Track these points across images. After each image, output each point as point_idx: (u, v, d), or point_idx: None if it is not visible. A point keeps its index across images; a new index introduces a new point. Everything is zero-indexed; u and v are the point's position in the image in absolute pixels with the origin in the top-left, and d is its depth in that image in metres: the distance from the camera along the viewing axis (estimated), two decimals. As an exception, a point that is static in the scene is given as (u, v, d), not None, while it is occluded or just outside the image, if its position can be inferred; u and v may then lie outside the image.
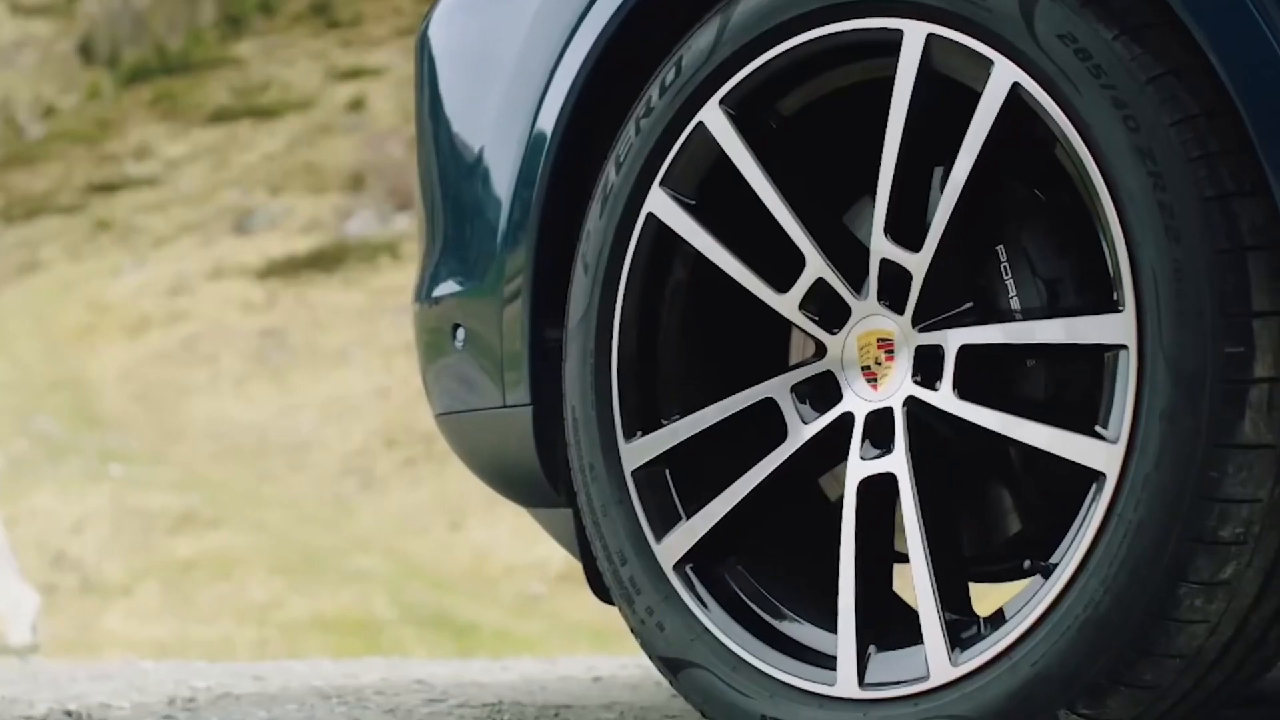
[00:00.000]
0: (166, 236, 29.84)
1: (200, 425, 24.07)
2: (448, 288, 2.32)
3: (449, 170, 2.36)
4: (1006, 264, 1.88)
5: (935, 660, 1.82)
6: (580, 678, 3.19)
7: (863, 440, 1.92)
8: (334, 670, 3.43)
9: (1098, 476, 1.73)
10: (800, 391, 1.98)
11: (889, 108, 1.86)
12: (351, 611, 17.82)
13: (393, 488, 20.96)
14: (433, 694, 2.83)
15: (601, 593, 2.14)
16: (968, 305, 1.87)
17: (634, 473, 2.05)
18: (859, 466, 1.91)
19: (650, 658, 2.04)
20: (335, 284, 26.75)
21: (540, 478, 2.21)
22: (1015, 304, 1.88)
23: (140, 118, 34.62)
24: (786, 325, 2.02)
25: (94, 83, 35.95)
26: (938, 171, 1.89)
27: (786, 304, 1.97)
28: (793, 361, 2.07)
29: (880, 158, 1.88)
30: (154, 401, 24.71)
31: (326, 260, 27.39)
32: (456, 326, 2.29)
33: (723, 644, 1.97)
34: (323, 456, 22.60)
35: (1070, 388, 1.88)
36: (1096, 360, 1.78)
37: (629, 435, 2.06)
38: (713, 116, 2.00)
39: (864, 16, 1.89)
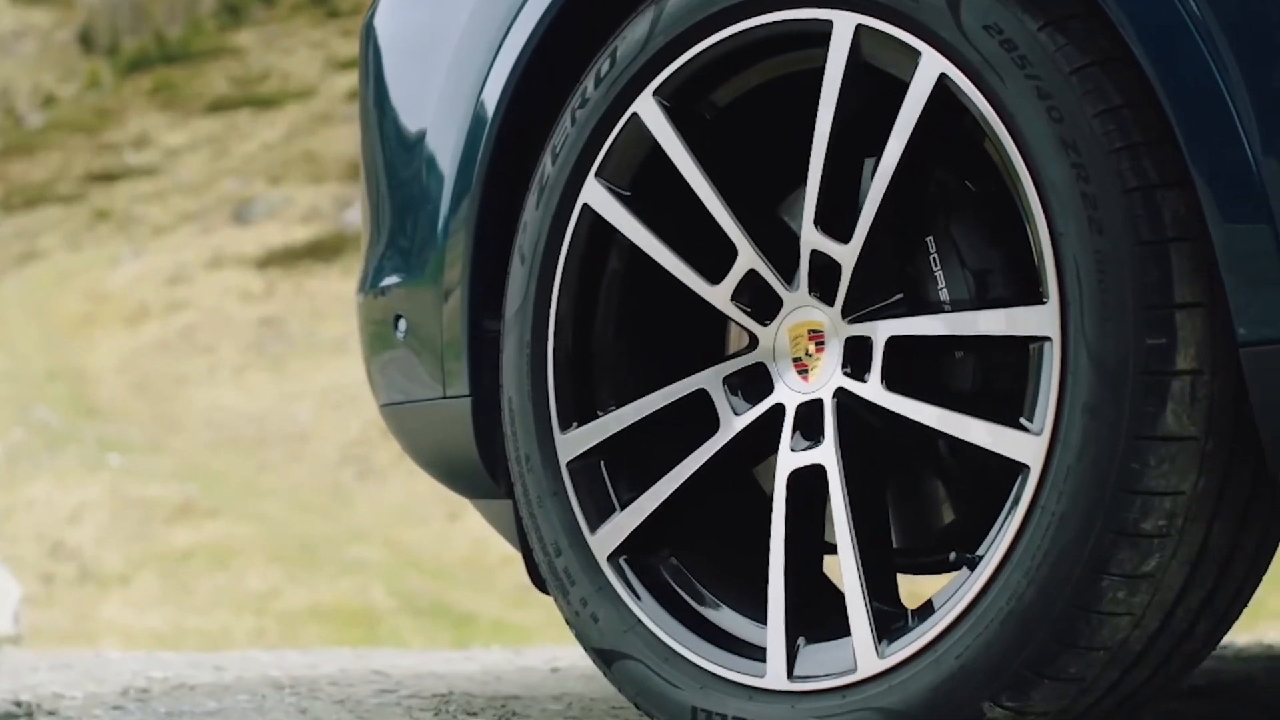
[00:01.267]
0: (165, 226, 29.84)
1: (199, 415, 24.09)
2: (390, 279, 2.32)
3: (392, 161, 2.36)
4: (936, 255, 1.88)
5: (862, 652, 1.81)
6: (540, 669, 3.20)
7: (793, 432, 1.91)
8: (297, 660, 3.43)
9: (1022, 469, 1.72)
10: (732, 383, 1.98)
11: (819, 99, 1.86)
12: (349, 601, 17.85)
13: (391, 477, 20.96)
14: (387, 685, 2.83)
15: (540, 584, 2.14)
16: (897, 297, 1.87)
17: (569, 464, 2.05)
18: (789, 458, 1.90)
19: (585, 649, 2.04)
20: (334, 273, 26.76)
21: (480, 469, 2.21)
22: (944, 295, 1.87)
23: (140, 107, 34.61)
24: (723, 317, 2.02)
25: (93, 72, 35.93)
26: (869, 163, 1.88)
27: (719, 295, 1.96)
28: (730, 353, 2.07)
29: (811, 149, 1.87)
30: (152, 391, 24.72)
31: (325, 250, 27.40)
32: (398, 318, 2.29)
33: (655, 636, 1.97)
34: (321, 446, 22.61)
35: (998, 380, 1.88)
36: (1023, 352, 1.77)
37: (565, 426, 2.06)
38: (647, 108, 1.99)
39: (794, 7, 1.88)
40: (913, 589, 2.06)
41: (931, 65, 1.77)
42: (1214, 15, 1.61)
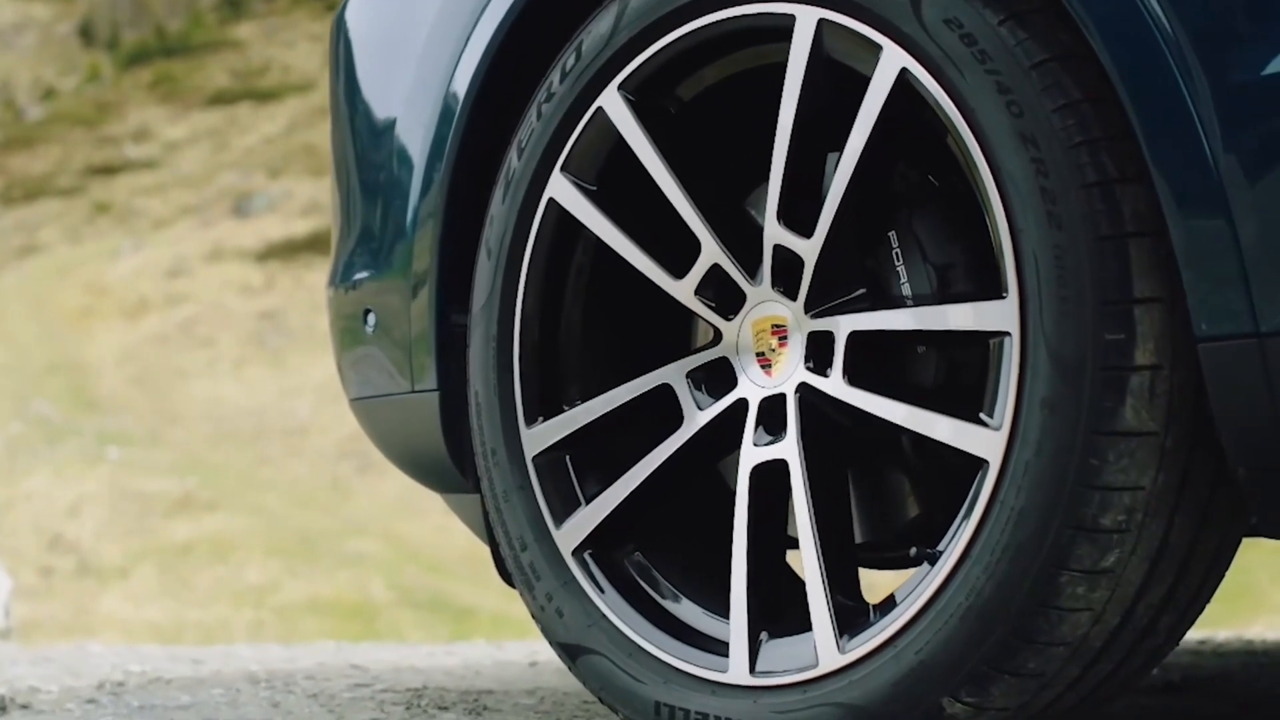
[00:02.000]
0: (165, 219, 29.84)
1: (198, 408, 24.10)
2: (360, 273, 2.32)
3: (363, 154, 2.35)
4: (898, 250, 1.88)
5: (824, 648, 1.81)
6: (519, 663, 3.19)
7: (756, 426, 1.91)
8: (277, 655, 3.43)
9: (982, 464, 1.72)
10: (696, 378, 1.98)
11: (783, 93, 1.85)
12: (348, 594, 17.85)
13: (390, 471, 20.90)
14: (363, 679, 2.83)
15: (508, 578, 2.14)
16: (860, 291, 1.86)
17: (535, 458, 2.05)
18: (752, 453, 1.90)
19: (550, 644, 2.04)
20: (334, 267, 26.72)
21: (448, 463, 2.21)
22: (906, 290, 1.87)
23: (140, 100, 34.60)
24: (689, 312, 2.01)
25: (94, 65, 35.92)
26: (832, 158, 1.87)
27: (682, 290, 1.96)
28: (695, 347, 2.07)
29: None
30: (151, 384, 24.74)
31: (325, 243, 27.25)
32: (368, 312, 2.29)
33: (619, 630, 1.97)
34: (320, 440, 22.63)
35: (960, 374, 1.88)
36: (984, 347, 1.77)
37: (530, 421, 2.06)
38: (611, 102, 1.99)
39: (758, 1, 1.88)
40: (882, 583, 2.05)
41: (892, 60, 1.77)
42: (1174, 11, 1.61)
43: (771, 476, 1.89)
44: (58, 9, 37.76)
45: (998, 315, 1.71)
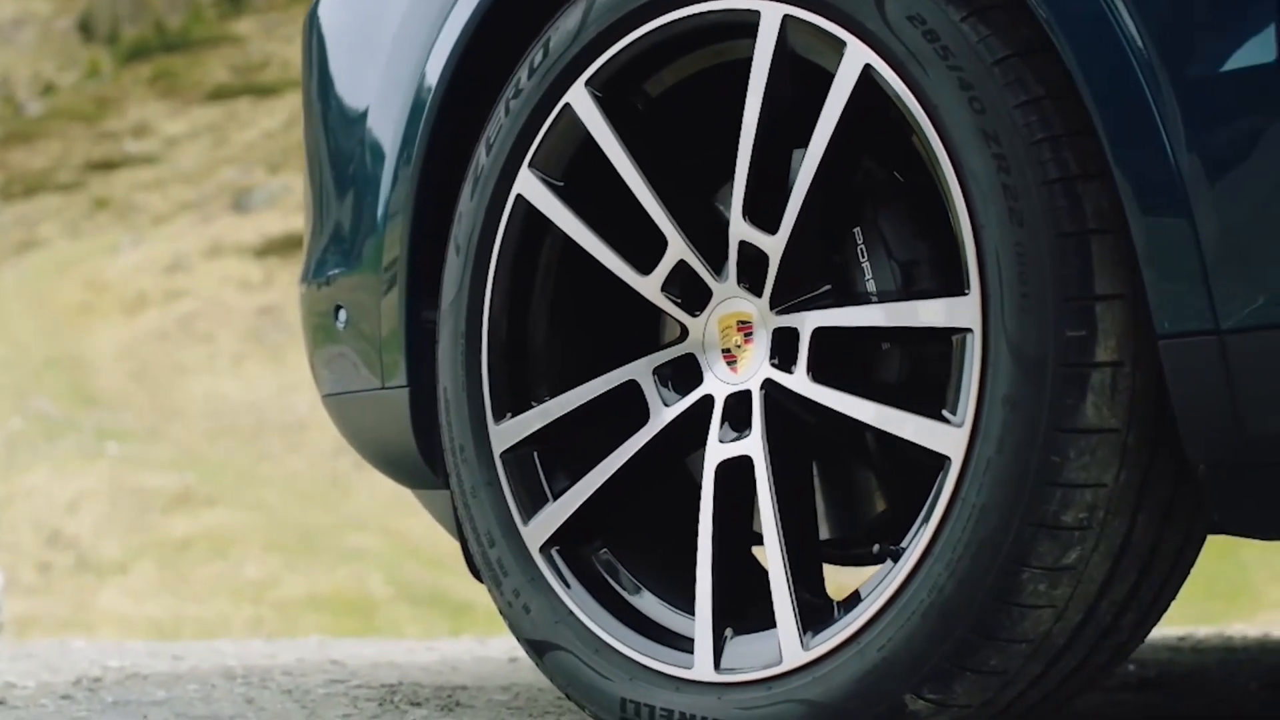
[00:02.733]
0: (165, 214, 29.84)
1: (197, 404, 24.11)
2: (331, 269, 2.31)
3: (335, 150, 2.35)
4: (863, 247, 1.87)
5: (788, 644, 1.81)
6: (498, 659, 3.19)
7: (722, 423, 1.91)
8: (257, 651, 3.43)
9: (944, 461, 1.72)
10: (663, 374, 1.98)
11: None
12: (347, 590, 17.86)
13: (389, 467, 20.89)
14: (339, 674, 2.83)
15: (478, 574, 2.14)
16: (825, 288, 1.86)
17: (503, 455, 2.05)
18: (718, 449, 1.90)
19: (518, 640, 2.04)
20: (333, 262, 26.72)
21: (418, 460, 2.21)
22: (871, 287, 1.87)
23: (139, 95, 34.60)
24: (657, 308, 2.01)
25: (93, 60, 35.92)
26: (798, 155, 1.87)
27: (649, 286, 1.96)
28: (662, 344, 2.06)
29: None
30: (151, 380, 24.74)
31: (324, 239, 27.33)
32: (339, 308, 2.29)
33: (586, 627, 1.97)
34: (319, 435, 22.61)
35: (924, 372, 1.87)
36: (947, 344, 1.77)
37: (499, 417, 2.06)
38: (579, 98, 1.99)
39: (724, -3, 1.87)
40: (851, 581, 2.05)
41: (856, 56, 1.76)
42: (1135, 7, 1.60)
43: (737, 473, 1.88)
44: (57, 4, 37.77)
45: (959, 312, 1.71)
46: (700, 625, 1.88)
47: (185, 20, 36.23)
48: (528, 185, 2.03)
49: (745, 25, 1.87)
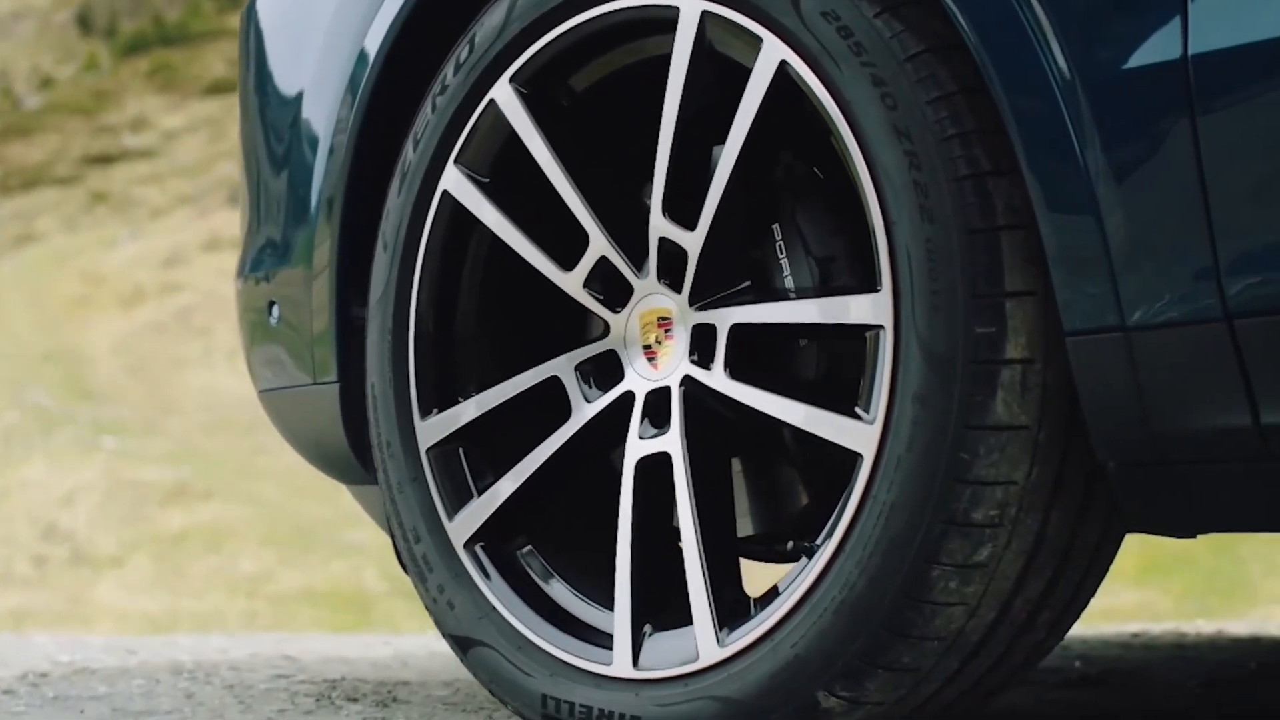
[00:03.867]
0: (163, 208, 29.84)
1: (193, 397, 24.10)
2: (265, 265, 2.31)
3: (270, 146, 2.35)
4: (782, 243, 1.87)
5: (704, 641, 1.81)
6: (449, 654, 3.19)
7: (642, 419, 1.91)
8: (212, 645, 3.43)
9: (856, 458, 1.71)
10: (585, 370, 1.98)
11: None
12: (343, 585, 17.84)
13: (386, 461, 20.86)
14: (286, 670, 2.82)
15: (406, 568, 2.14)
16: (745, 284, 1.86)
17: (429, 450, 2.05)
18: (637, 446, 1.90)
19: (442, 635, 2.04)
20: (330, 257, 26.69)
21: (349, 455, 2.21)
22: (789, 283, 1.86)
23: (137, 89, 34.59)
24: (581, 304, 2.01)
25: (91, 54, 35.92)
26: (718, 151, 1.87)
27: (571, 282, 1.96)
28: (586, 340, 2.06)
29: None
30: (147, 373, 24.74)
31: (323, 234, 27.31)
32: (273, 304, 2.29)
33: (509, 623, 1.97)
34: (316, 429, 22.58)
35: (840, 369, 1.87)
36: (861, 341, 1.76)
37: (425, 412, 2.06)
38: (503, 94, 1.99)
39: (645, -7, 1.87)
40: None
41: (772, 52, 1.76)
42: (1045, 5, 1.60)
43: (657, 469, 1.88)
44: (56, -2, 37.79)
45: (872, 309, 1.70)
46: (619, 622, 1.88)
47: (183, 14, 36.23)
48: (454, 181, 2.03)
49: (666, 21, 1.86)
